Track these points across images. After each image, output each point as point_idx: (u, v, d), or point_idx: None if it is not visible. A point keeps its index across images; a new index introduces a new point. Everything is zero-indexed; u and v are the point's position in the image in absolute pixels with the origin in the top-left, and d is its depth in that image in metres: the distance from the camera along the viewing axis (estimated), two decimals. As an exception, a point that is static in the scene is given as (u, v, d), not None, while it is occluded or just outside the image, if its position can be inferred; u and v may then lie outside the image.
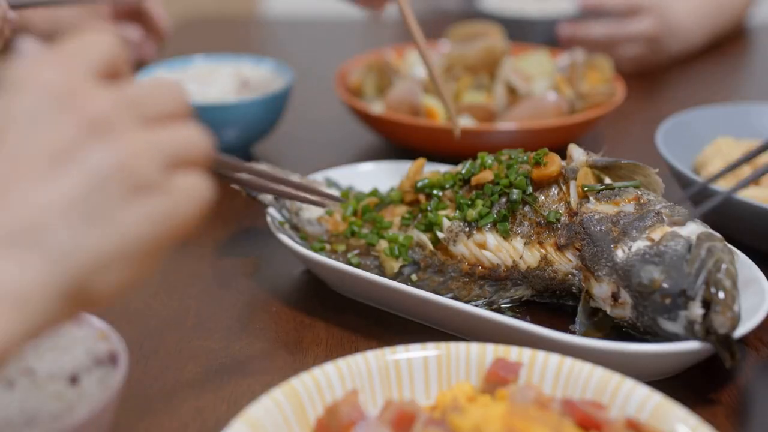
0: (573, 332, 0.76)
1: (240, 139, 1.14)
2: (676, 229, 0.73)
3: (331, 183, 0.94)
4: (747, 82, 1.66)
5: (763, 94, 1.54)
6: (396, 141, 1.16)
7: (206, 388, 0.72)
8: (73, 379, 0.58)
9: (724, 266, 0.69)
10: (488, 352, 0.65)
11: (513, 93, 1.17)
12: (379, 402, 0.64)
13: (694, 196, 0.83)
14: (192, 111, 0.50)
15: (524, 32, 1.60)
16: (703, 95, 1.47)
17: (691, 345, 0.68)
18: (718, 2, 1.66)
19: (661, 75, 1.56)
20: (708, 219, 0.95)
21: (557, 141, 1.02)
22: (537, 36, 1.59)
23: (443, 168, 0.92)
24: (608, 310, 0.74)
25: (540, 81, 1.18)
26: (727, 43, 1.74)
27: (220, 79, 1.18)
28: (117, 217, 0.45)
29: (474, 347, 0.66)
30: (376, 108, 1.17)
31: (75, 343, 0.61)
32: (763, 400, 0.72)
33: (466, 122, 1.12)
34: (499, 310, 0.79)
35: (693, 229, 0.73)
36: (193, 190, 0.48)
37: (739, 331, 0.68)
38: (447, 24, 1.47)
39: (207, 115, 1.09)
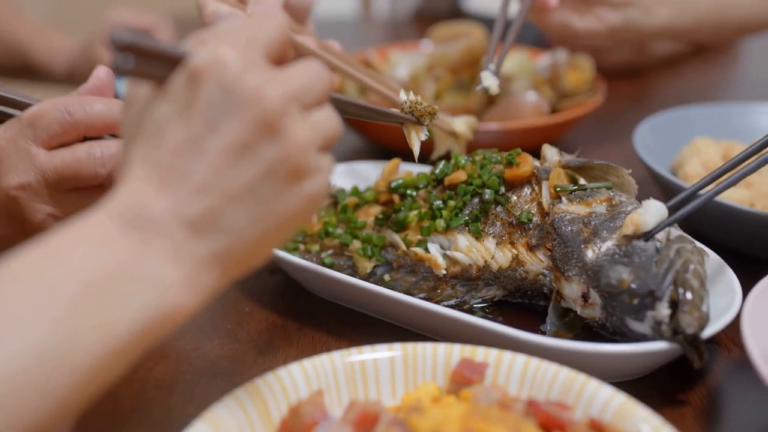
0: (543, 332, 0.76)
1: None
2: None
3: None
4: (733, 83, 1.66)
5: (749, 94, 1.54)
6: (377, 141, 1.16)
7: (175, 389, 0.72)
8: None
9: (692, 267, 0.69)
10: (455, 352, 0.65)
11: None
12: (344, 402, 0.64)
13: (680, 202, 0.81)
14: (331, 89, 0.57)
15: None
16: (688, 96, 1.47)
17: (659, 345, 0.67)
18: None
19: (645, 75, 1.56)
20: (683, 219, 0.95)
21: (537, 141, 1.01)
22: (522, 36, 1.59)
23: (420, 169, 0.92)
24: (578, 310, 0.74)
25: (520, 81, 1.18)
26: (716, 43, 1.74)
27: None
28: (281, 201, 0.53)
29: (441, 348, 0.66)
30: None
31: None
32: (733, 400, 0.72)
33: (446, 122, 1.12)
34: (471, 311, 0.79)
35: (664, 230, 0.73)
36: (331, 167, 0.56)
37: (709, 331, 0.68)
38: (433, 25, 1.47)
39: None
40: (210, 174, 0.51)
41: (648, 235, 0.71)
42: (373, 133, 1.14)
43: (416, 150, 0.82)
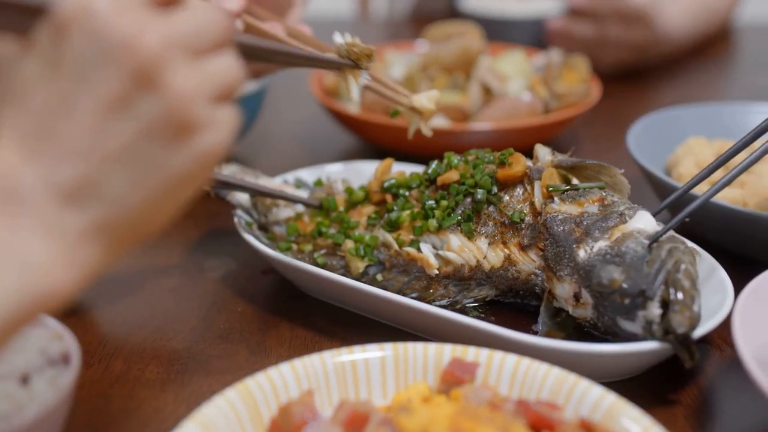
0: (535, 332, 0.76)
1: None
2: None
3: (300, 183, 0.94)
4: (730, 82, 1.66)
5: (746, 93, 1.53)
6: (371, 141, 1.16)
7: (166, 389, 0.72)
8: (24, 379, 0.58)
9: (683, 266, 0.69)
10: (446, 352, 0.65)
11: (488, 93, 1.17)
12: (335, 402, 0.63)
13: (673, 202, 0.82)
14: (232, 33, 0.51)
15: (506, 32, 1.60)
16: (683, 95, 1.47)
17: (650, 345, 0.67)
18: (706, 2, 1.66)
19: (641, 75, 1.55)
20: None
21: (532, 141, 1.01)
22: (519, 36, 1.60)
23: (413, 168, 0.92)
24: (570, 310, 0.74)
25: (515, 81, 1.18)
26: (711, 43, 1.74)
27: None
28: (168, 160, 0.47)
29: (432, 347, 0.66)
30: (353, 109, 1.17)
31: (29, 342, 0.61)
32: (725, 400, 0.72)
33: (440, 122, 1.12)
34: (463, 310, 0.79)
35: (656, 231, 0.73)
36: (231, 120, 0.50)
37: (700, 331, 0.68)
38: (429, 25, 1.47)
39: None
40: (83, 136, 0.46)
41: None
42: (368, 133, 1.14)
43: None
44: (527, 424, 0.59)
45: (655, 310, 0.67)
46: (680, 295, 0.67)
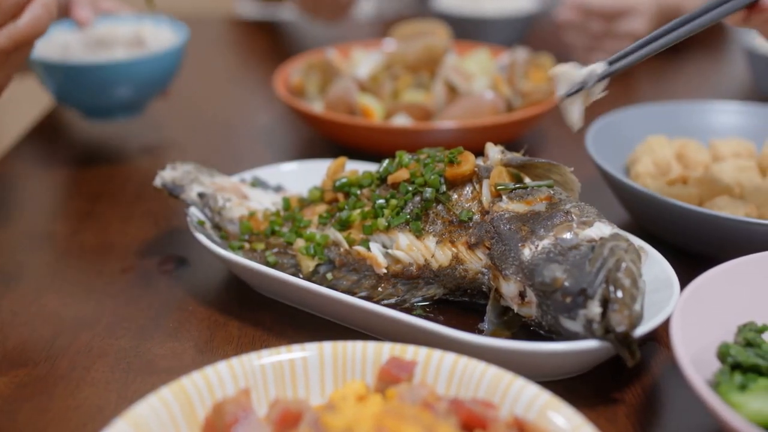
0: (482, 331, 0.76)
1: (134, 97, 1.17)
2: (584, 229, 0.73)
3: (257, 182, 0.94)
4: (704, 80, 1.66)
5: (724, 92, 1.54)
6: (334, 139, 1.16)
7: (110, 388, 0.72)
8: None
9: (624, 265, 0.69)
10: (384, 351, 0.65)
11: (454, 92, 1.17)
12: (272, 401, 0.63)
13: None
14: None
15: (481, 32, 1.60)
16: (656, 94, 1.47)
17: (590, 344, 0.67)
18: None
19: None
20: (633, 217, 0.96)
21: (495, 139, 1.01)
22: (495, 35, 1.59)
23: (369, 167, 0.92)
24: (516, 308, 0.74)
25: (480, 80, 1.18)
26: (684, 41, 1.74)
27: (117, 40, 1.19)
28: None
29: (371, 346, 0.65)
30: (317, 107, 1.17)
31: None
32: (667, 398, 0.72)
33: (403, 121, 1.12)
34: (411, 309, 0.79)
35: (600, 229, 0.73)
36: None
37: (643, 329, 0.68)
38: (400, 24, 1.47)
39: (99, 74, 1.12)
40: None
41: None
42: (330, 131, 1.14)
43: None
44: (460, 423, 0.59)
45: (595, 308, 0.67)
46: (620, 294, 0.67)
